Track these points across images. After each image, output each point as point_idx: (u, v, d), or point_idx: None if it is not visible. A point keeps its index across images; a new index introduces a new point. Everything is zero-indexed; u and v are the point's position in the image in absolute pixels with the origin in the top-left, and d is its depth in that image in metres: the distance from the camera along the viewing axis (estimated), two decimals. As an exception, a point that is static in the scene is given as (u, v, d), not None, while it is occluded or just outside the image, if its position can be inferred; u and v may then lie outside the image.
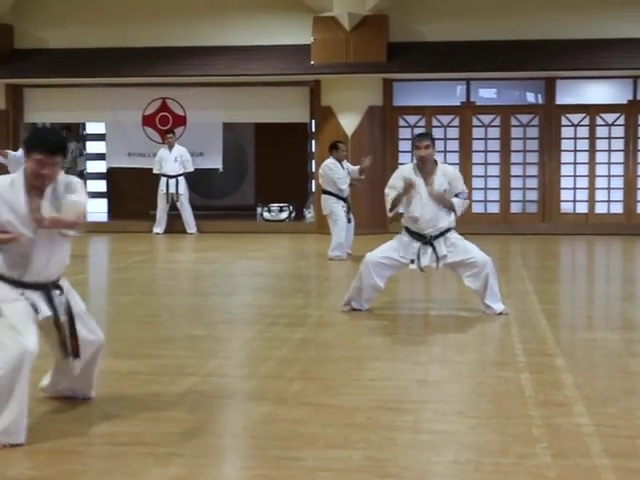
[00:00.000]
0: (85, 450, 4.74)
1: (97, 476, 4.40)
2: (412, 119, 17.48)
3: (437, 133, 17.39)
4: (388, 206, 8.64)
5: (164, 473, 4.43)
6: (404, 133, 17.50)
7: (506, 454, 4.66)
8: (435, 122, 17.43)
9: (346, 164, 13.29)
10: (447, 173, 8.63)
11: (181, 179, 17.37)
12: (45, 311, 5.15)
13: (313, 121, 17.93)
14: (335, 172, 13.05)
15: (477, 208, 17.36)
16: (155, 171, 17.44)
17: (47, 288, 5.18)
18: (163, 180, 17.35)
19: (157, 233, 17.31)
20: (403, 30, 17.04)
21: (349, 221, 13.18)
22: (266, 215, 18.02)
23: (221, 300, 9.46)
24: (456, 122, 17.40)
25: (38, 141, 5.04)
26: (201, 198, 19.47)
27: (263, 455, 4.68)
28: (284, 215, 18.06)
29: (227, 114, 17.94)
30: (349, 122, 17.04)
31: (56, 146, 5.03)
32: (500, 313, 8.51)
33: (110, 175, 20.16)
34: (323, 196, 13.29)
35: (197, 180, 18.40)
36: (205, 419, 5.33)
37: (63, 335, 5.26)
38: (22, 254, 5.06)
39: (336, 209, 13.05)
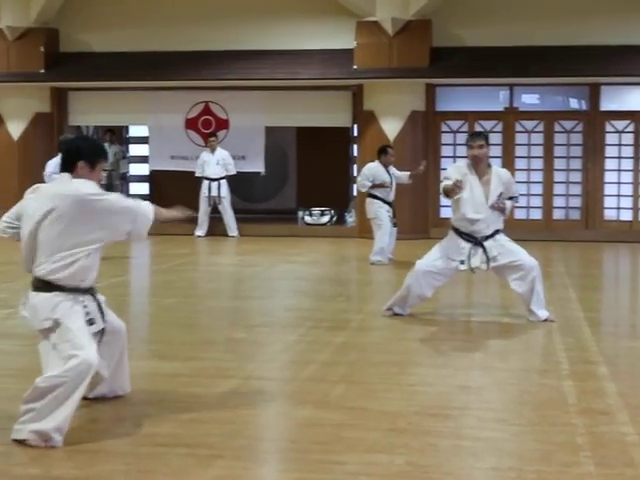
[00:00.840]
0: (127, 450, 4.76)
1: (138, 476, 4.42)
2: (455, 124, 17.41)
3: (479, 138, 17.33)
4: (441, 193, 8.64)
5: (205, 474, 4.44)
6: (446, 138, 17.45)
7: (549, 462, 4.61)
8: (478, 127, 17.32)
9: (392, 169, 13.23)
10: (502, 177, 8.56)
11: (223, 182, 17.43)
12: (100, 324, 5.22)
13: (355, 126, 17.92)
14: (375, 175, 12.98)
15: (520, 214, 17.25)
16: (197, 174, 17.52)
17: (94, 293, 5.25)
18: (205, 183, 17.43)
19: (199, 236, 17.38)
20: (446, 35, 16.98)
21: (394, 225, 13.12)
22: (307, 219, 18.02)
23: (262, 303, 9.47)
24: (499, 128, 17.31)
25: (102, 152, 5.23)
26: (243, 201, 19.53)
27: (304, 458, 4.67)
28: (325, 219, 18.06)
29: (270, 118, 17.98)
30: (391, 127, 17.01)
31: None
32: (545, 320, 8.43)
33: (152, 178, 20.30)
34: (368, 199, 13.23)
35: (239, 183, 18.46)
36: (246, 421, 5.33)
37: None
38: (95, 261, 5.14)
39: (381, 213, 12.99)
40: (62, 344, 4.93)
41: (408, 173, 13.33)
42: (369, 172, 13.08)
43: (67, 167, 5.12)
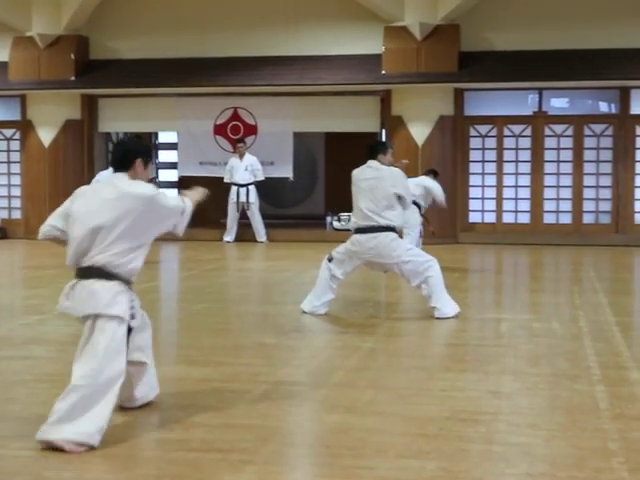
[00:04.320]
0: (159, 455, 4.79)
1: (171, 481, 4.44)
2: (483, 129, 17.37)
3: (509, 143, 17.32)
4: None
5: (237, 479, 4.45)
6: (475, 143, 17.41)
7: (581, 468, 4.59)
8: (507, 132, 17.30)
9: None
10: None
11: (252, 188, 17.49)
12: (138, 321, 5.36)
13: (384, 131, 17.92)
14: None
15: (549, 219, 17.19)
16: (226, 180, 17.58)
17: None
18: (234, 189, 17.49)
19: (227, 241, 17.44)
20: (474, 39, 16.96)
21: (420, 235, 13.08)
22: (336, 224, 18.03)
23: (292, 309, 9.48)
24: (528, 132, 17.26)
25: (152, 153, 5.62)
26: (271, 207, 19.58)
27: (335, 463, 4.67)
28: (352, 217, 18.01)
29: (298, 123, 18.02)
30: (420, 132, 17.01)
31: None
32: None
33: (181, 184, 20.37)
34: None
35: (267, 189, 18.51)
36: (277, 427, 5.34)
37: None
38: (144, 258, 5.38)
39: (412, 219, 12.88)
40: (114, 342, 5.08)
41: None
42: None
43: (124, 165, 5.35)
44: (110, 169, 7.60)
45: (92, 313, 5.10)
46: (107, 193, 5.24)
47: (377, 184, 8.90)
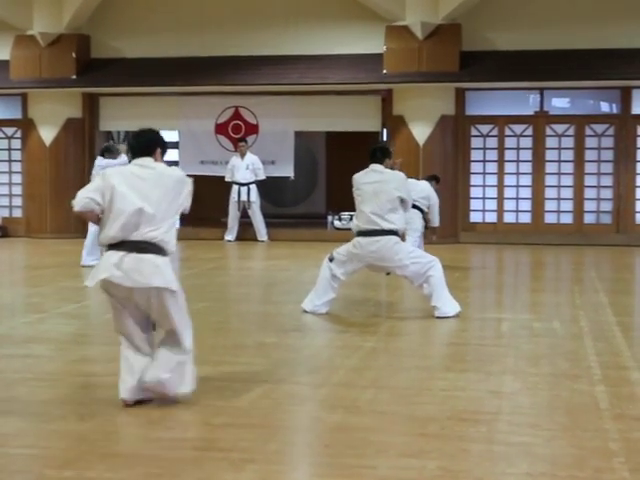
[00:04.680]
0: (160, 454, 4.79)
1: (172, 480, 4.44)
2: (484, 128, 17.37)
3: (510, 143, 17.32)
4: None
5: (238, 478, 4.46)
6: (476, 142, 17.41)
7: (582, 468, 4.59)
8: (508, 131, 17.30)
9: None
10: None
11: (253, 187, 17.49)
12: None
13: (385, 130, 17.92)
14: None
15: (550, 218, 17.19)
16: (227, 179, 17.59)
17: None
18: (235, 188, 17.49)
19: (228, 240, 17.44)
20: (476, 39, 16.95)
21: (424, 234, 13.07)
22: (337, 223, 18.03)
23: (292, 308, 9.48)
24: (529, 132, 17.25)
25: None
26: (272, 206, 19.58)
27: (336, 463, 4.68)
28: (354, 221, 18.00)
29: (299, 123, 18.02)
30: (421, 131, 17.00)
31: None
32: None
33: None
34: None
35: (268, 188, 18.51)
36: (278, 426, 5.35)
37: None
38: None
39: (415, 222, 12.83)
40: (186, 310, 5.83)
41: None
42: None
43: (148, 152, 5.85)
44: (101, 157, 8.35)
45: (160, 286, 5.59)
46: (144, 174, 5.71)
47: (381, 188, 8.90)
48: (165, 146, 6.01)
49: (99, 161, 13.34)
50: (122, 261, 5.54)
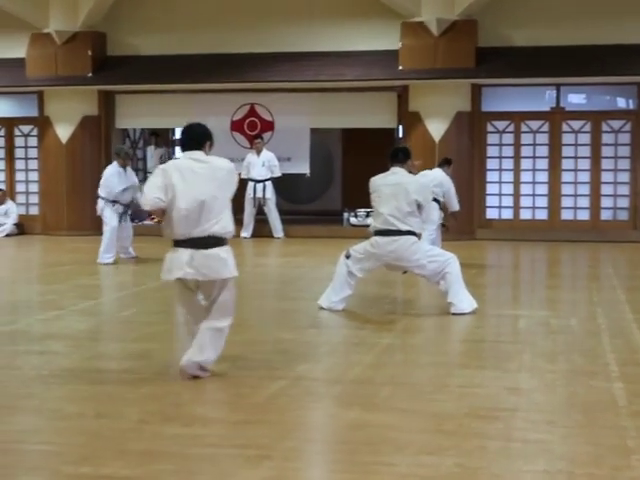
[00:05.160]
0: (176, 451, 4.78)
1: (187, 477, 4.43)
2: (501, 125, 17.32)
3: (526, 139, 17.26)
4: None
5: (254, 475, 4.45)
6: (492, 139, 17.36)
7: (600, 465, 4.56)
8: (524, 128, 17.24)
9: None
10: None
11: (268, 184, 17.48)
12: None
13: (400, 127, 17.89)
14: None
15: (567, 215, 17.12)
16: (243, 176, 17.55)
17: None
18: (250, 185, 17.49)
19: (244, 237, 17.44)
20: (492, 35, 16.89)
21: (443, 226, 13.03)
22: (353, 220, 18.01)
23: (309, 304, 9.47)
24: (545, 128, 17.19)
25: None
26: (288, 203, 19.57)
27: (353, 460, 4.66)
28: (370, 220, 17.99)
29: (314, 119, 18.00)
30: (437, 128, 16.96)
31: None
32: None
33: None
34: None
35: (284, 185, 18.49)
36: (294, 422, 5.34)
37: None
38: None
39: (432, 215, 12.78)
40: (233, 299, 6.34)
41: None
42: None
43: (199, 145, 6.33)
44: (114, 163, 11.03)
45: (228, 277, 6.21)
46: (198, 168, 6.16)
47: (400, 190, 8.86)
48: (212, 140, 6.43)
49: None
50: (192, 259, 6.11)
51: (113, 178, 13.46)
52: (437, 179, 12.68)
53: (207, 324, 6.26)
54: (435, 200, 12.37)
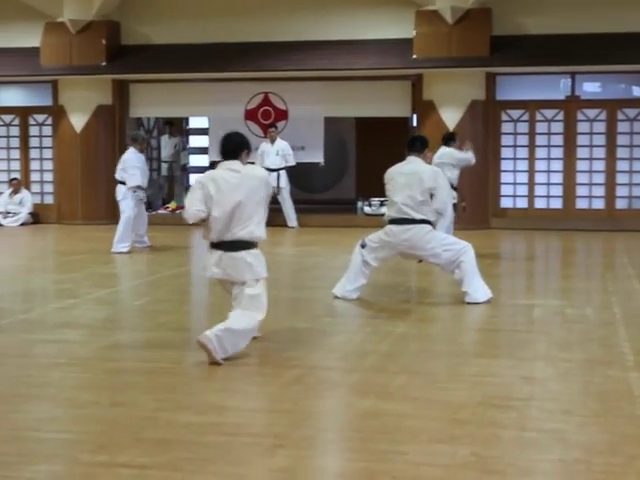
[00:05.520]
0: (192, 439, 4.80)
1: (203, 465, 4.45)
2: (515, 113, 17.26)
3: (541, 128, 17.20)
4: None
5: (269, 463, 4.46)
6: (507, 127, 17.31)
7: (615, 454, 4.56)
8: (539, 116, 17.18)
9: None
10: None
11: (282, 173, 17.47)
12: None
13: (414, 115, 17.85)
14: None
15: (581, 204, 17.07)
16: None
17: None
18: (264, 174, 17.47)
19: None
20: (506, 23, 16.82)
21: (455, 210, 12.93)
22: (367, 209, 17.99)
23: (323, 293, 9.48)
24: (560, 116, 17.12)
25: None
26: (302, 192, 19.57)
27: (367, 448, 4.67)
28: (385, 209, 17.98)
29: (328, 108, 17.98)
30: (451, 116, 16.91)
31: None
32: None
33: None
34: None
35: (298, 174, 18.49)
36: (309, 411, 5.35)
37: None
38: None
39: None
40: (262, 296, 6.72)
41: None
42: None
43: (235, 155, 6.75)
44: (131, 149, 12.57)
45: (254, 278, 6.69)
46: (231, 178, 6.61)
47: (415, 180, 8.83)
48: (249, 147, 6.89)
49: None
50: (220, 260, 6.67)
51: (138, 163, 13.52)
52: (443, 157, 12.46)
53: (233, 313, 6.70)
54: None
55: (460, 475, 4.30)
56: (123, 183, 13.57)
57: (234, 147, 6.79)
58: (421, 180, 8.82)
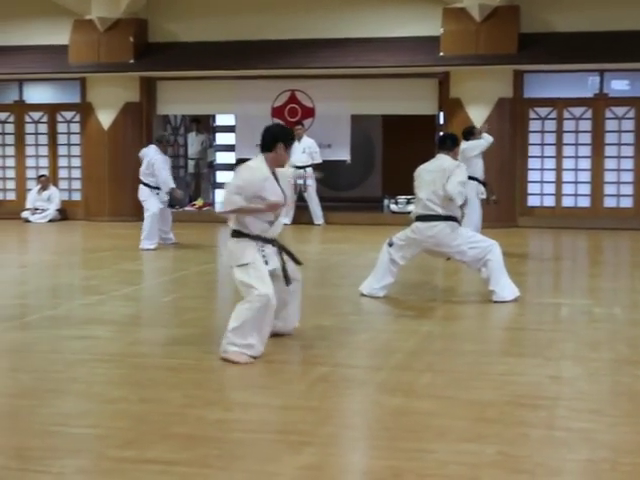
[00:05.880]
0: (219, 436, 4.81)
1: (231, 461, 4.46)
2: (543, 111, 17.17)
3: (568, 126, 17.10)
4: None
5: (296, 460, 4.46)
6: (534, 125, 17.22)
7: (644, 454, 4.53)
8: (567, 114, 17.08)
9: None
10: None
11: (309, 170, 17.47)
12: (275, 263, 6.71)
13: (441, 113, 17.79)
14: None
15: (610, 202, 16.95)
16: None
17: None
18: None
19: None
20: (534, 20, 16.74)
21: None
22: (393, 207, 17.96)
23: (349, 291, 9.48)
24: (588, 114, 17.01)
25: (293, 138, 6.88)
26: (328, 189, 19.55)
27: (394, 446, 4.67)
28: (411, 207, 17.94)
29: (355, 106, 17.96)
30: (478, 114, 16.83)
31: None
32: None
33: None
34: None
35: (325, 171, 18.47)
36: (335, 409, 5.35)
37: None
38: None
39: (470, 193, 12.49)
40: (245, 282, 6.50)
41: None
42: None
43: (267, 148, 6.60)
44: (153, 147, 12.35)
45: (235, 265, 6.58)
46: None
47: (440, 176, 8.80)
48: (287, 139, 6.61)
49: None
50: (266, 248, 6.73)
51: (166, 164, 13.58)
52: (463, 152, 12.40)
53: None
54: (473, 178, 12.13)
55: (487, 474, 4.28)
56: (147, 185, 13.61)
57: (268, 138, 6.65)
58: (444, 176, 8.80)
